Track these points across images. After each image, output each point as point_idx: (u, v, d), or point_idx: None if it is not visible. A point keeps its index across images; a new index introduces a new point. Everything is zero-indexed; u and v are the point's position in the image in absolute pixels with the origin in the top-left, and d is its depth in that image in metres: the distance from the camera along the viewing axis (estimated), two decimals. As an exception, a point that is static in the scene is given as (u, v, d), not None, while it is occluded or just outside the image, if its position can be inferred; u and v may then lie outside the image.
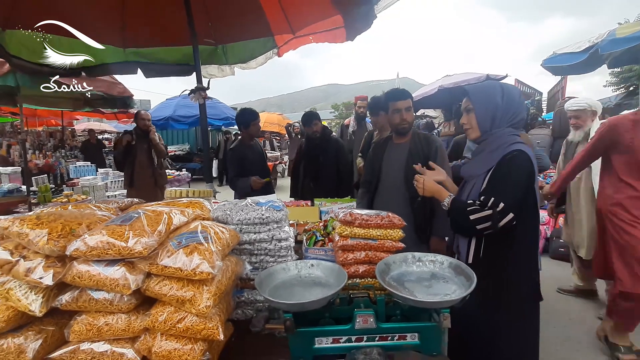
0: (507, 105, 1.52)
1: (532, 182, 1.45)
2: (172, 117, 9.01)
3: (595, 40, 4.11)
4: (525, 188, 1.43)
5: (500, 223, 1.37)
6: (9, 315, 1.03)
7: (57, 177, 6.64)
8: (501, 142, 1.50)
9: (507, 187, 1.41)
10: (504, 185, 1.42)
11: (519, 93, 1.59)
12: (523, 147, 1.47)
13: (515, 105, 1.53)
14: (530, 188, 1.44)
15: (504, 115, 1.53)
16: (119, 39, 3.46)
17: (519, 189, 1.42)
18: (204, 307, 1.03)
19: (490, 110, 1.54)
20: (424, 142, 2.27)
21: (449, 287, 1.16)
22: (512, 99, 1.53)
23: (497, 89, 1.55)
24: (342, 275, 1.24)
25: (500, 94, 1.53)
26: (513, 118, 1.53)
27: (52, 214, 1.14)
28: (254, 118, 3.38)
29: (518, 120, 1.55)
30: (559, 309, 3.21)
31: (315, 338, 1.12)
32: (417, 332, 1.11)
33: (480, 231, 1.41)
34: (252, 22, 3.49)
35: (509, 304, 1.47)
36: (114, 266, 1.05)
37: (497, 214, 1.37)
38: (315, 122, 3.45)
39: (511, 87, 1.61)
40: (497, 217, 1.37)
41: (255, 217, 1.47)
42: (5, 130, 11.02)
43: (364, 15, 2.74)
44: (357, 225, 1.44)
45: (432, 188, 1.64)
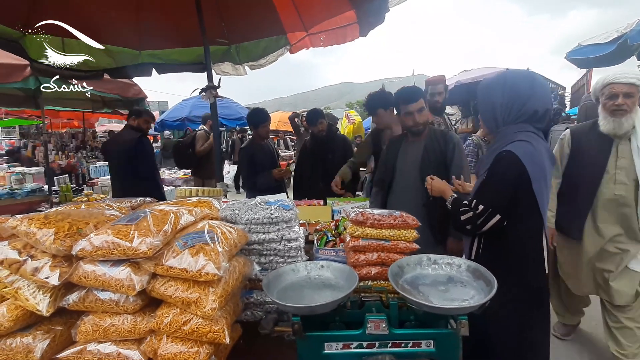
0: (510, 102, 1.42)
1: (523, 183, 1.35)
2: (188, 117, 9.14)
3: (624, 31, 3.90)
4: (512, 190, 1.36)
5: (485, 225, 1.38)
6: (18, 315, 1.03)
7: (79, 177, 6.85)
8: (501, 143, 1.44)
9: (488, 189, 1.42)
10: (486, 187, 1.43)
11: (529, 82, 1.42)
12: (517, 146, 1.37)
13: (520, 100, 1.41)
14: (522, 189, 1.36)
15: (506, 113, 1.44)
16: (135, 41, 3.52)
17: (502, 190, 1.38)
18: (210, 310, 1.00)
19: (489, 110, 1.49)
20: (441, 139, 2.19)
21: (467, 292, 1.09)
22: (517, 92, 1.41)
23: (497, 85, 1.45)
24: (353, 277, 1.18)
25: (500, 90, 1.44)
26: (521, 113, 1.42)
27: (60, 213, 1.14)
28: (263, 121, 3.34)
29: (531, 114, 1.41)
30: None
31: (325, 343, 1.07)
32: (433, 339, 1.04)
33: (469, 232, 1.45)
34: (265, 20, 3.48)
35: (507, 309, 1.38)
36: (119, 266, 1.03)
37: (476, 217, 1.39)
38: (320, 121, 3.35)
39: (519, 78, 1.45)
40: (477, 220, 1.39)
41: (264, 217, 1.43)
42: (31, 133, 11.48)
43: (377, 9, 2.68)
44: (369, 226, 1.38)
45: (439, 187, 1.69)
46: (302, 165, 3.60)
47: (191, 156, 4.90)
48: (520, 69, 1.57)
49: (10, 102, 5.42)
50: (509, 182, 1.37)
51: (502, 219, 1.37)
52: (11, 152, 10.01)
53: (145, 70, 3.64)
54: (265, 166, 3.32)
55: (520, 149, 1.36)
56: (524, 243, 1.42)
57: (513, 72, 1.50)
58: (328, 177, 3.36)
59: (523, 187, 1.36)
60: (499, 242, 1.43)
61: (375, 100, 2.81)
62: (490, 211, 1.37)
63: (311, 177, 3.49)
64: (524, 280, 1.41)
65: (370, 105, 2.89)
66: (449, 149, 2.14)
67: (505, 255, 1.42)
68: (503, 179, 1.38)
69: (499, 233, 1.40)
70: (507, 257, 1.42)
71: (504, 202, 1.37)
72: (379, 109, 2.76)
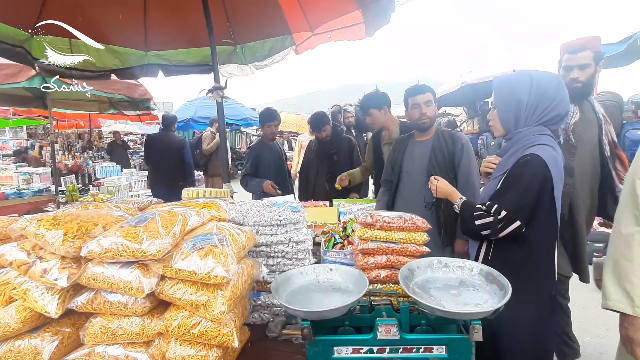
0: (535, 101, 1.35)
1: (547, 189, 1.31)
2: (193, 118, 9.18)
3: (635, 30, 3.84)
4: (536, 195, 1.31)
5: (504, 231, 1.32)
6: (26, 316, 1.02)
7: (85, 177, 6.89)
8: (522, 144, 1.38)
9: (512, 194, 1.33)
10: (510, 192, 1.34)
11: (556, 84, 1.36)
12: (542, 149, 1.32)
13: (546, 100, 1.35)
14: (545, 195, 1.31)
15: (530, 113, 1.37)
16: (141, 42, 3.53)
17: (527, 196, 1.31)
18: (219, 313, 0.99)
19: (513, 109, 1.40)
20: (449, 139, 2.16)
21: (480, 297, 1.07)
22: (544, 92, 1.35)
23: (523, 82, 1.37)
24: (362, 281, 1.17)
25: (527, 87, 1.36)
26: (544, 115, 1.36)
27: (68, 215, 1.13)
28: (269, 120, 3.34)
29: (552, 117, 1.36)
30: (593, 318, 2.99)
31: (335, 347, 1.05)
32: (445, 344, 1.02)
33: (484, 237, 1.38)
34: (270, 20, 3.47)
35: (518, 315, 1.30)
36: (128, 268, 1.03)
37: (498, 222, 1.32)
38: (324, 128, 3.30)
39: (545, 78, 1.38)
40: (497, 225, 1.32)
41: (272, 219, 1.42)
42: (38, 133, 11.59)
43: (384, 9, 2.66)
44: (379, 228, 1.36)
45: (446, 189, 1.63)
46: (308, 166, 3.59)
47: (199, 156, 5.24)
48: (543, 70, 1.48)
49: (19, 102, 5.48)
50: (535, 187, 1.30)
51: (521, 225, 1.30)
52: (18, 152, 10.12)
53: (152, 71, 3.66)
54: (271, 167, 3.31)
55: (545, 152, 1.31)
56: (538, 250, 1.37)
57: (538, 72, 1.41)
58: (333, 178, 3.35)
59: (546, 193, 1.31)
60: (512, 248, 1.37)
61: (368, 101, 2.81)
62: (512, 217, 1.30)
63: (316, 178, 3.48)
64: (536, 287, 1.37)
65: (363, 105, 2.88)
66: (457, 149, 2.12)
67: (518, 261, 1.36)
68: (529, 184, 1.31)
69: (512, 238, 1.34)
70: (520, 263, 1.36)
71: (527, 209, 1.31)
72: (371, 109, 2.76)
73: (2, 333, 1.01)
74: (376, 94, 2.87)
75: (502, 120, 1.46)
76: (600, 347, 2.64)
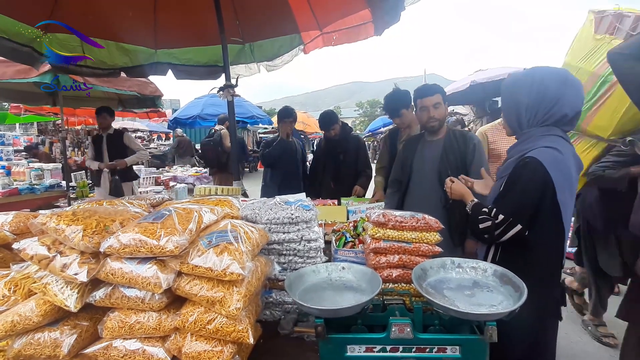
0: (536, 102, 1.33)
1: (548, 193, 1.28)
2: (200, 115, 9.22)
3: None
4: (535, 199, 1.29)
5: (505, 235, 1.31)
6: (46, 310, 1.04)
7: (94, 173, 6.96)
8: (525, 146, 1.36)
9: (509, 198, 1.34)
10: (507, 195, 1.35)
11: (559, 84, 1.31)
12: (542, 152, 1.29)
13: (548, 101, 1.31)
14: (546, 199, 1.29)
15: (532, 114, 1.35)
16: (151, 40, 3.56)
17: (525, 200, 1.30)
18: (234, 309, 1.01)
19: (514, 110, 1.40)
20: (460, 139, 2.15)
21: (495, 298, 1.07)
22: (544, 93, 1.31)
23: (523, 84, 1.36)
24: (375, 280, 1.17)
25: (527, 88, 1.34)
26: (549, 116, 1.33)
27: (87, 211, 1.15)
28: (285, 117, 3.48)
29: (560, 118, 1.33)
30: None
31: (348, 345, 1.06)
32: (459, 345, 1.02)
33: (486, 240, 1.41)
34: (279, 19, 3.48)
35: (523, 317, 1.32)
36: (146, 264, 1.04)
37: (495, 226, 1.32)
38: (333, 127, 3.31)
39: (548, 78, 1.33)
40: (495, 229, 1.32)
41: (284, 217, 1.43)
42: (48, 129, 11.73)
43: (393, 7, 2.64)
44: (391, 227, 1.37)
45: (460, 191, 1.62)
46: (317, 165, 3.62)
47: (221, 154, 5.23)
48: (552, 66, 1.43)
49: (30, 99, 5.56)
50: (532, 191, 1.29)
51: (523, 229, 1.29)
52: (29, 148, 10.25)
53: (161, 69, 3.69)
54: (282, 162, 3.40)
55: (545, 155, 1.28)
56: (543, 254, 1.35)
57: (543, 70, 1.37)
58: (339, 177, 3.36)
59: (547, 196, 1.28)
60: (518, 252, 1.36)
61: (397, 102, 2.70)
62: (511, 221, 1.29)
63: (323, 177, 3.49)
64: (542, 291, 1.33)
65: (392, 108, 2.74)
66: (469, 149, 2.10)
67: (524, 265, 1.33)
68: (526, 188, 1.30)
69: (518, 242, 1.33)
70: (526, 267, 1.32)
71: (526, 212, 1.29)
72: (402, 109, 2.68)
73: (22, 326, 1.03)
74: (401, 93, 2.77)
75: (507, 123, 1.49)
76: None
